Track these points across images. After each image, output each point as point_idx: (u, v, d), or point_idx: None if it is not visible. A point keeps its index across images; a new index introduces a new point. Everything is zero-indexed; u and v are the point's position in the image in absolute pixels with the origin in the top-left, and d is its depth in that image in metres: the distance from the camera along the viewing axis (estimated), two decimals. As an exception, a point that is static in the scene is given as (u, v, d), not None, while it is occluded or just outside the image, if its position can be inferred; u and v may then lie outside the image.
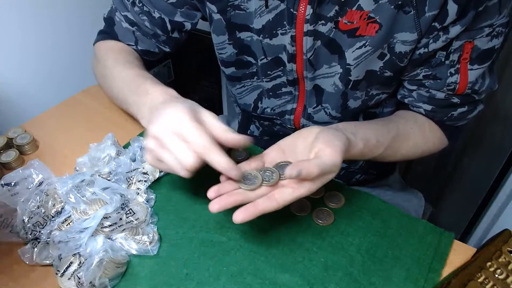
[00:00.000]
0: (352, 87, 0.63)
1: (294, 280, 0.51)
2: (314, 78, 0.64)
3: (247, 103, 0.76)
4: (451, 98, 0.61)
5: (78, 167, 0.64)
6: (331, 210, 0.60)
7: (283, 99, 0.71)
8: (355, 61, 0.59)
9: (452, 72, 0.58)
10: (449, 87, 0.59)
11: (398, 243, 0.55)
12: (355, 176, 0.80)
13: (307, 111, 0.70)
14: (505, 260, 0.51)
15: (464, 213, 1.21)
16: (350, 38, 0.57)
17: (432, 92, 0.61)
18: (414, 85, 0.63)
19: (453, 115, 0.63)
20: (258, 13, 0.61)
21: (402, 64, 0.59)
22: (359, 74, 0.61)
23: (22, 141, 0.71)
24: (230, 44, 0.67)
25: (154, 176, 0.64)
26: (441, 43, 0.55)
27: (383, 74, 0.61)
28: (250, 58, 0.68)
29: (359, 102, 0.66)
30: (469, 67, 0.57)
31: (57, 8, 1.04)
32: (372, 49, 0.57)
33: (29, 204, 0.56)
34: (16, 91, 1.02)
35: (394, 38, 0.56)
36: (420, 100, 0.64)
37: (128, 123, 0.78)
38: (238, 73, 0.72)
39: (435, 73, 0.59)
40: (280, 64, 0.65)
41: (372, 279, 0.51)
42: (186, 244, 0.56)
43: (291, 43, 0.60)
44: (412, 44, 0.56)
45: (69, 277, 0.49)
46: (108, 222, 0.53)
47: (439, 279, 0.51)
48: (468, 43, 0.55)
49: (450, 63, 0.57)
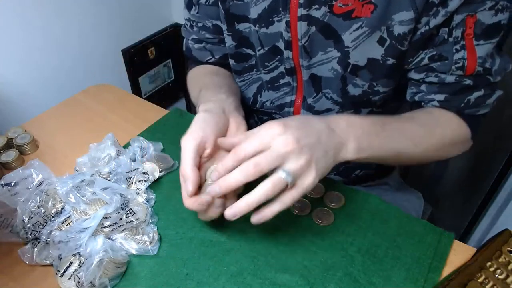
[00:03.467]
0: (351, 71, 0.62)
1: (294, 280, 0.51)
2: (310, 66, 0.64)
3: (246, 97, 0.78)
4: (462, 81, 0.58)
5: (78, 167, 0.64)
6: (331, 210, 0.60)
7: (282, 91, 0.72)
8: (353, 43, 0.59)
9: (458, 48, 0.56)
10: (457, 65, 0.57)
11: (398, 243, 0.55)
12: (354, 171, 0.80)
13: (307, 102, 0.70)
14: (505, 260, 0.51)
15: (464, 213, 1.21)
16: (346, 21, 0.57)
17: (441, 76, 0.59)
18: (422, 73, 0.61)
19: (470, 101, 0.60)
20: (254, 1, 0.62)
21: (403, 47, 0.58)
22: (359, 59, 0.61)
23: (22, 141, 0.71)
24: (229, 35, 0.69)
25: (154, 176, 0.64)
26: (441, 18, 0.54)
27: (386, 62, 0.60)
28: (249, 50, 0.70)
29: (359, 91, 0.65)
30: (475, 43, 0.55)
31: (57, 8, 1.04)
32: (369, 30, 0.57)
33: (29, 204, 0.56)
34: (16, 91, 1.02)
35: (391, 20, 0.55)
36: (431, 91, 0.61)
37: (128, 123, 0.78)
38: (238, 67, 0.74)
39: (440, 52, 0.57)
40: (277, 53, 0.66)
41: (372, 279, 0.51)
42: (186, 244, 0.56)
43: (287, 29, 0.61)
44: (410, 24, 0.55)
45: (69, 277, 0.49)
46: (108, 222, 0.53)
47: (439, 279, 0.51)
48: (470, 17, 0.54)
49: (454, 40, 0.56)
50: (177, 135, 0.75)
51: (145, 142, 0.68)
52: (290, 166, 0.46)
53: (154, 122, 0.78)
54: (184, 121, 0.78)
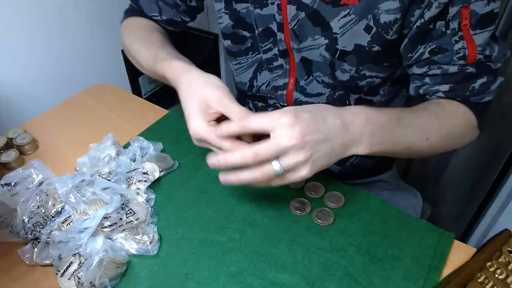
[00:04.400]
0: (339, 57, 0.64)
1: (294, 280, 0.51)
2: (300, 50, 0.66)
3: (242, 81, 0.79)
4: (465, 69, 0.59)
5: (78, 167, 0.65)
6: (331, 210, 0.60)
7: (275, 73, 0.73)
8: (341, 29, 0.60)
9: (457, 39, 0.58)
10: (458, 55, 0.58)
11: (398, 243, 0.55)
12: (349, 159, 0.79)
13: (299, 84, 0.71)
14: (505, 260, 0.51)
15: (464, 213, 1.21)
16: (335, 8, 0.59)
17: (444, 68, 0.60)
18: (424, 67, 0.62)
19: (474, 88, 0.61)
20: None
21: (388, 36, 0.59)
22: (346, 45, 0.62)
23: (22, 141, 0.71)
24: (227, 13, 0.70)
25: (154, 176, 0.64)
26: (435, 10, 0.55)
27: (372, 49, 0.62)
28: (245, 32, 0.71)
29: (347, 76, 0.67)
30: (472, 32, 0.57)
31: (57, 9, 1.04)
32: (356, 17, 0.59)
33: (29, 204, 0.56)
34: (17, 91, 1.02)
35: (378, 9, 0.57)
36: (436, 83, 0.62)
37: (128, 123, 0.78)
38: (234, 48, 0.75)
39: (440, 44, 0.59)
40: (271, 34, 0.68)
41: (372, 279, 0.51)
42: (186, 244, 0.56)
43: (278, 12, 0.63)
44: (396, 12, 0.56)
45: (69, 277, 0.49)
46: (108, 222, 0.53)
47: (439, 279, 0.51)
48: (465, 8, 0.55)
49: (452, 32, 0.57)
50: (177, 135, 0.75)
51: (145, 142, 0.68)
52: (286, 161, 0.47)
53: (154, 122, 0.78)
54: (184, 121, 0.78)
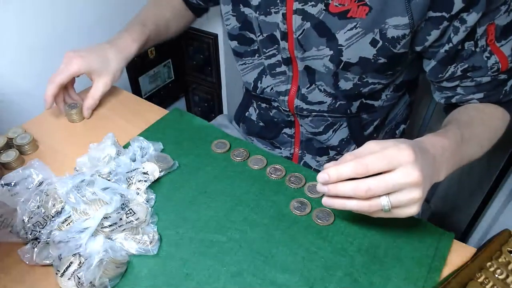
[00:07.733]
0: (343, 67, 0.64)
1: (294, 280, 0.51)
2: (304, 59, 0.66)
3: (248, 81, 0.79)
4: (498, 77, 0.61)
5: (78, 167, 0.64)
6: (331, 210, 0.60)
7: (277, 79, 0.73)
8: (347, 42, 0.61)
9: (487, 55, 0.58)
10: (493, 70, 0.59)
11: (398, 243, 0.55)
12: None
13: (301, 92, 0.71)
14: (505, 260, 0.51)
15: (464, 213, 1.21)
16: (342, 20, 0.59)
17: (477, 80, 0.61)
18: (455, 81, 0.63)
19: (506, 91, 0.63)
20: None
21: (395, 50, 0.60)
22: (351, 57, 0.62)
23: (22, 141, 0.71)
24: (234, 16, 0.71)
25: (154, 176, 0.64)
26: (463, 34, 0.56)
27: (377, 61, 0.62)
28: (252, 35, 0.72)
29: (350, 85, 0.67)
30: (498, 45, 0.58)
31: (57, 9, 1.04)
32: (362, 31, 0.59)
33: (29, 204, 0.56)
34: (16, 91, 1.02)
35: (385, 23, 0.57)
36: (469, 92, 0.63)
37: (128, 123, 0.78)
38: (240, 49, 0.75)
39: (472, 63, 0.60)
40: (275, 41, 0.68)
41: (372, 279, 0.51)
42: (186, 244, 0.56)
43: (283, 21, 0.63)
44: (405, 28, 0.56)
45: (69, 277, 0.49)
46: (108, 222, 0.53)
47: (439, 279, 0.51)
48: (490, 25, 0.56)
49: (481, 49, 0.58)
50: (177, 135, 0.75)
51: (145, 142, 0.68)
52: (398, 197, 0.45)
53: (154, 122, 0.77)
54: (184, 121, 0.78)
